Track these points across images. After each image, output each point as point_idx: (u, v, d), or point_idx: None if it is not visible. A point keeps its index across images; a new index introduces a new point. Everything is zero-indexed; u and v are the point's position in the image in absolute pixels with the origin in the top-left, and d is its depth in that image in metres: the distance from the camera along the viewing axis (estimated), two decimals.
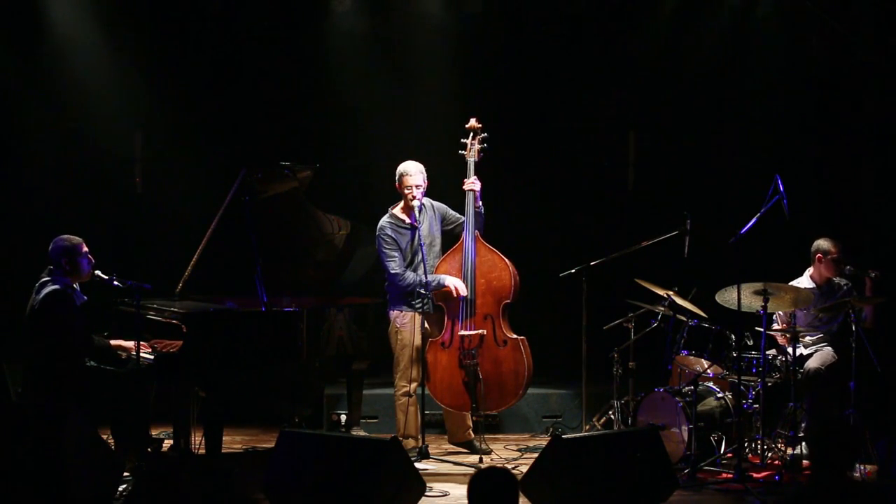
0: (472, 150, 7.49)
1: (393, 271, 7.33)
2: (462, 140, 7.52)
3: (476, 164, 7.46)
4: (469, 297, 7.33)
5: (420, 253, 7.24)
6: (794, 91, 9.33)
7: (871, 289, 7.40)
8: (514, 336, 7.36)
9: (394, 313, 7.43)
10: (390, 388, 7.59)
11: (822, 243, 7.54)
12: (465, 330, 7.33)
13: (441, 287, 7.30)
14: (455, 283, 7.31)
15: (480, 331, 7.32)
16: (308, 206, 7.58)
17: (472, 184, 7.37)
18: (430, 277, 7.25)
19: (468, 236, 7.36)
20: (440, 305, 7.42)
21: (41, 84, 9.18)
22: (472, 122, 7.53)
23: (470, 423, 7.59)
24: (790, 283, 7.43)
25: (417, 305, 7.24)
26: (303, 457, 5.86)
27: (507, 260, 7.40)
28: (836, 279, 7.58)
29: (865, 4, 9.07)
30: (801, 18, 9.23)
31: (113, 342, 6.73)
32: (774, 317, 7.57)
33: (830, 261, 7.50)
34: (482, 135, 7.51)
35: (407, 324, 7.38)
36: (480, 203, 7.40)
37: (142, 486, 4.10)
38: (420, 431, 7.27)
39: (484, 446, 7.49)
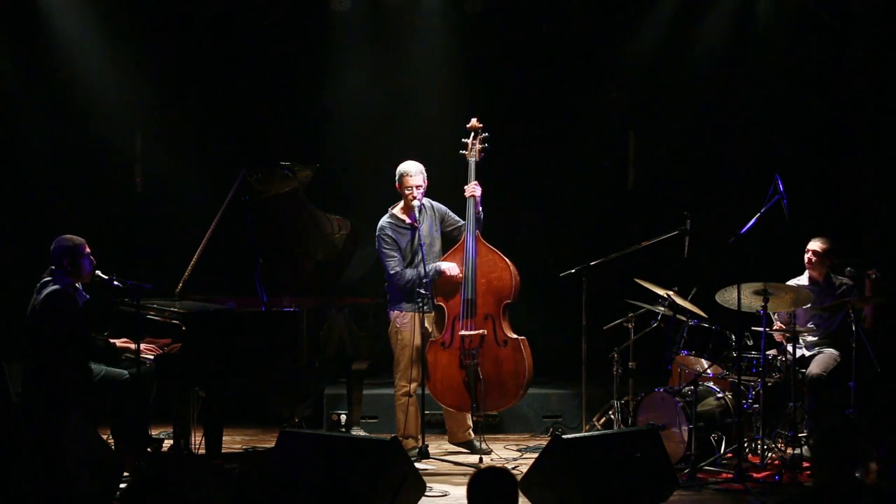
0: (473, 149, 7.49)
1: (392, 271, 7.34)
2: (463, 140, 7.52)
3: (477, 164, 7.47)
4: (470, 296, 7.33)
5: (420, 253, 7.24)
6: (794, 91, 9.33)
7: (870, 289, 7.40)
8: (515, 336, 7.36)
9: (394, 313, 7.44)
10: (390, 388, 7.59)
11: (810, 243, 7.58)
12: (466, 330, 7.33)
13: (439, 274, 7.30)
14: (449, 267, 7.32)
15: (481, 331, 7.32)
16: (308, 206, 7.58)
17: (473, 189, 7.37)
18: (427, 267, 7.24)
19: (469, 236, 7.36)
20: (440, 305, 7.42)
21: (41, 84, 9.18)
22: (474, 122, 7.54)
23: (470, 423, 7.59)
24: (789, 282, 7.45)
25: (419, 304, 7.22)
26: (303, 457, 5.86)
27: (507, 260, 7.40)
28: (835, 277, 7.59)
29: (865, 4, 9.07)
30: (801, 18, 9.23)
31: (119, 343, 6.71)
32: (774, 316, 7.57)
33: (817, 261, 7.53)
34: (483, 135, 7.51)
35: (407, 324, 7.38)
36: (481, 209, 7.40)
37: (141, 485, 4.09)
38: (420, 431, 7.27)
39: (484, 446, 7.49)
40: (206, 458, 6.82)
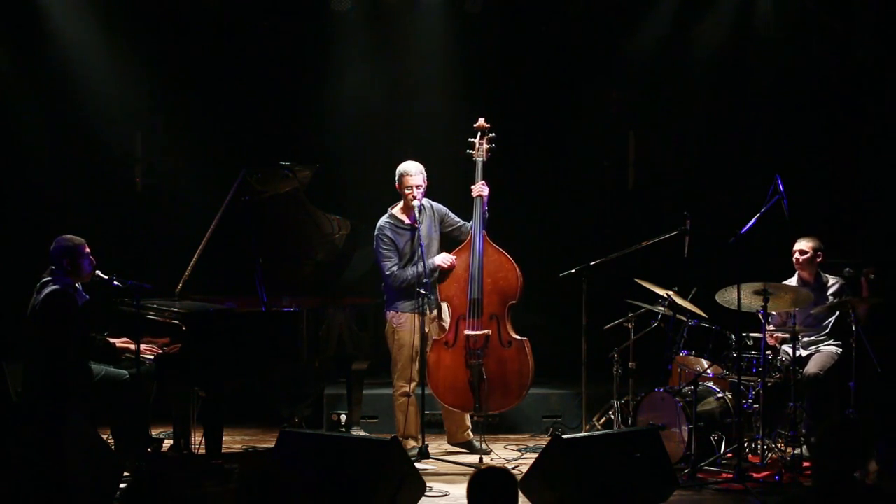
0: (481, 149, 7.48)
1: (388, 272, 7.34)
2: (470, 139, 7.51)
3: (484, 164, 7.46)
4: (476, 296, 7.32)
5: (419, 253, 7.23)
6: (794, 91, 9.33)
7: (867, 288, 7.39)
8: (518, 337, 7.35)
9: (390, 314, 7.43)
10: (390, 388, 7.58)
11: (796, 244, 7.57)
12: (471, 330, 7.32)
13: (434, 272, 7.30)
14: (442, 260, 7.32)
15: (486, 331, 7.31)
16: (308, 206, 7.58)
17: (481, 189, 7.37)
18: (427, 262, 7.23)
19: (477, 236, 7.35)
20: (444, 304, 7.42)
21: (41, 84, 9.17)
22: (481, 122, 7.53)
23: (469, 424, 7.59)
24: (783, 283, 7.43)
25: (418, 304, 7.22)
26: (303, 457, 5.86)
27: (513, 261, 7.39)
28: (825, 276, 7.58)
29: (865, 4, 9.07)
30: (801, 18, 9.24)
31: (119, 343, 6.71)
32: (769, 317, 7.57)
33: (805, 261, 7.52)
34: (490, 135, 7.50)
35: (403, 324, 7.37)
36: (486, 208, 7.39)
37: (141, 485, 4.09)
38: (420, 431, 7.27)
39: (484, 446, 7.48)
40: (206, 458, 6.82)
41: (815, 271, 7.57)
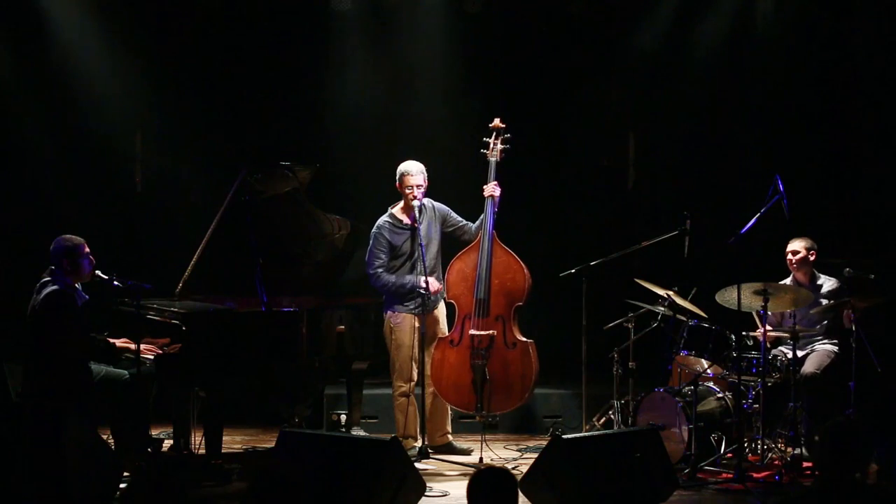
0: (495, 149, 7.47)
1: (371, 270, 7.34)
2: (484, 139, 7.50)
3: (497, 164, 7.45)
4: (483, 296, 7.30)
5: (419, 252, 7.23)
6: (794, 90, 9.33)
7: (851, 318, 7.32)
8: (524, 339, 7.33)
9: (388, 314, 7.43)
10: (390, 388, 7.58)
11: (789, 244, 7.55)
12: (477, 329, 7.31)
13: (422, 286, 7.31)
14: (431, 284, 7.32)
15: (491, 331, 7.30)
16: (308, 206, 7.58)
17: (493, 190, 7.36)
18: (418, 279, 7.25)
19: (486, 237, 7.33)
20: (451, 303, 7.41)
21: (42, 84, 9.18)
22: (496, 122, 7.51)
23: (448, 428, 7.58)
24: (780, 283, 7.42)
25: (418, 304, 7.22)
26: (303, 457, 5.86)
27: (521, 262, 7.38)
28: (820, 277, 7.56)
29: (865, 4, 9.07)
30: (802, 19, 9.24)
31: (119, 343, 6.71)
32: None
33: (798, 262, 7.50)
34: (505, 135, 7.49)
35: (401, 324, 7.37)
36: (497, 209, 7.37)
37: (141, 485, 4.10)
38: (420, 431, 7.27)
39: (467, 446, 7.45)
40: (206, 458, 6.82)
41: (809, 271, 7.55)
